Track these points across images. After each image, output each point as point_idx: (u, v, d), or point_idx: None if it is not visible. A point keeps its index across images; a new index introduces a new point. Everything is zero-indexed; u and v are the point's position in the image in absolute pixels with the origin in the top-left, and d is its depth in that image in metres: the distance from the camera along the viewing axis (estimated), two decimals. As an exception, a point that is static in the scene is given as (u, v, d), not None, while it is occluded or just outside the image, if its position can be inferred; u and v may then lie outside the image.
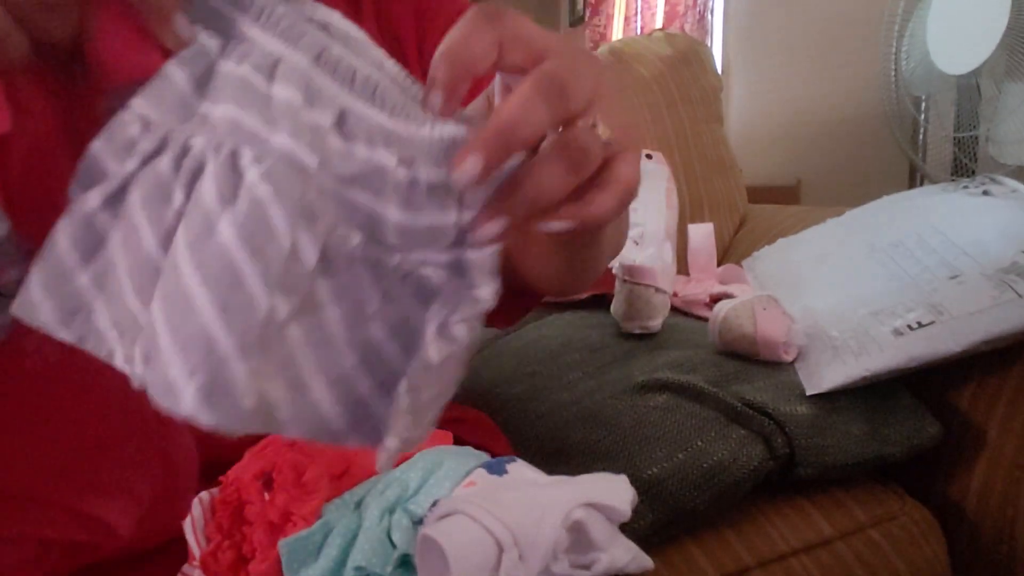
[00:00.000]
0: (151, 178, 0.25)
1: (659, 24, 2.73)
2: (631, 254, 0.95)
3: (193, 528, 0.45)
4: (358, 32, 0.27)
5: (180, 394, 0.23)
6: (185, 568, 0.45)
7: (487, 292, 0.27)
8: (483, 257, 0.27)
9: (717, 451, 0.65)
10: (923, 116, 1.30)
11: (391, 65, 0.28)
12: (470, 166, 0.26)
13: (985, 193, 0.86)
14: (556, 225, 0.28)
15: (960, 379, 0.75)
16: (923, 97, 1.28)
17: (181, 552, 0.45)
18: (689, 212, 1.29)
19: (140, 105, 0.26)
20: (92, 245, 0.26)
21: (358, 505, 0.42)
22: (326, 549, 0.39)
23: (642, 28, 2.89)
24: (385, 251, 0.27)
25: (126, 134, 0.26)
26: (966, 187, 0.90)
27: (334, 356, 0.27)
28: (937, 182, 1.07)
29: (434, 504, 0.39)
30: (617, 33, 3.11)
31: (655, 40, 1.42)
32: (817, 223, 1.07)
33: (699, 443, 0.65)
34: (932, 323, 0.71)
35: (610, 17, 3.18)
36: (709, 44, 2.25)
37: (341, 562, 0.39)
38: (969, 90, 1.17)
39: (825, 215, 1.07)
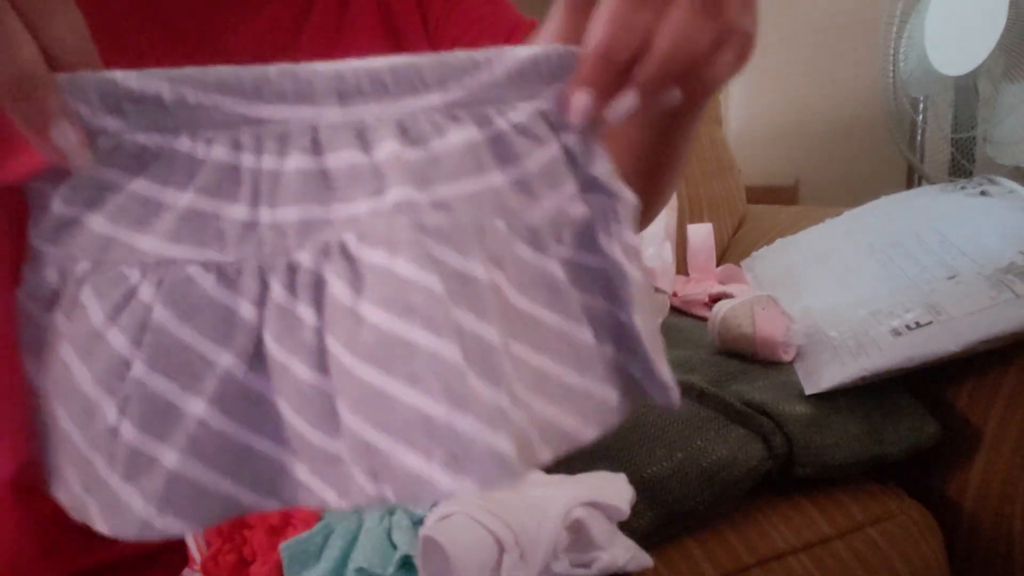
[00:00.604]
0: (275, 314, 0.24)
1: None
2: (630, 255, 0.95)
3: (193, 532, 0.45)
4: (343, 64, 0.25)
5: (433, 481, 0.22)
6: (186, 572, 0.45)
7: (626, 193, 0.27)
8: (598, 158, 0.26)
9: (716, 450, 0.65)
10: (921, 117, 1.30)
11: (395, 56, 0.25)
12: (582, 103, 0.24)
13: (983, 194, 0.86)
14: (675, 94, 0.26)
15: (958, 379, 0.76)
16: (921, 98, 1.28)
17: (181, 556, 0.45)
18: (688, 212, 1.30)
19: (198, 256, 0.24)
20: (249, 410, 0.24)
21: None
22: (327, 551, 0.39)
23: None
24: (524, 213, 0.25)
25: (197, 288, 0.24)
26: (964, 188, 0.90)
27: (572, 341, 0.27)
28: (935, 183, 1.07)
29: (434, 505, 0.39)
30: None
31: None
32: (816, 223, 1.07)
33: (698, 442, 0.65)
34: (930, 323, 0.71)
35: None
36: (707, 45, 2.25)
37: (342, 564, 0.39)
38: (967, 91, 1.17)
39: (824, 215, 1.08)
